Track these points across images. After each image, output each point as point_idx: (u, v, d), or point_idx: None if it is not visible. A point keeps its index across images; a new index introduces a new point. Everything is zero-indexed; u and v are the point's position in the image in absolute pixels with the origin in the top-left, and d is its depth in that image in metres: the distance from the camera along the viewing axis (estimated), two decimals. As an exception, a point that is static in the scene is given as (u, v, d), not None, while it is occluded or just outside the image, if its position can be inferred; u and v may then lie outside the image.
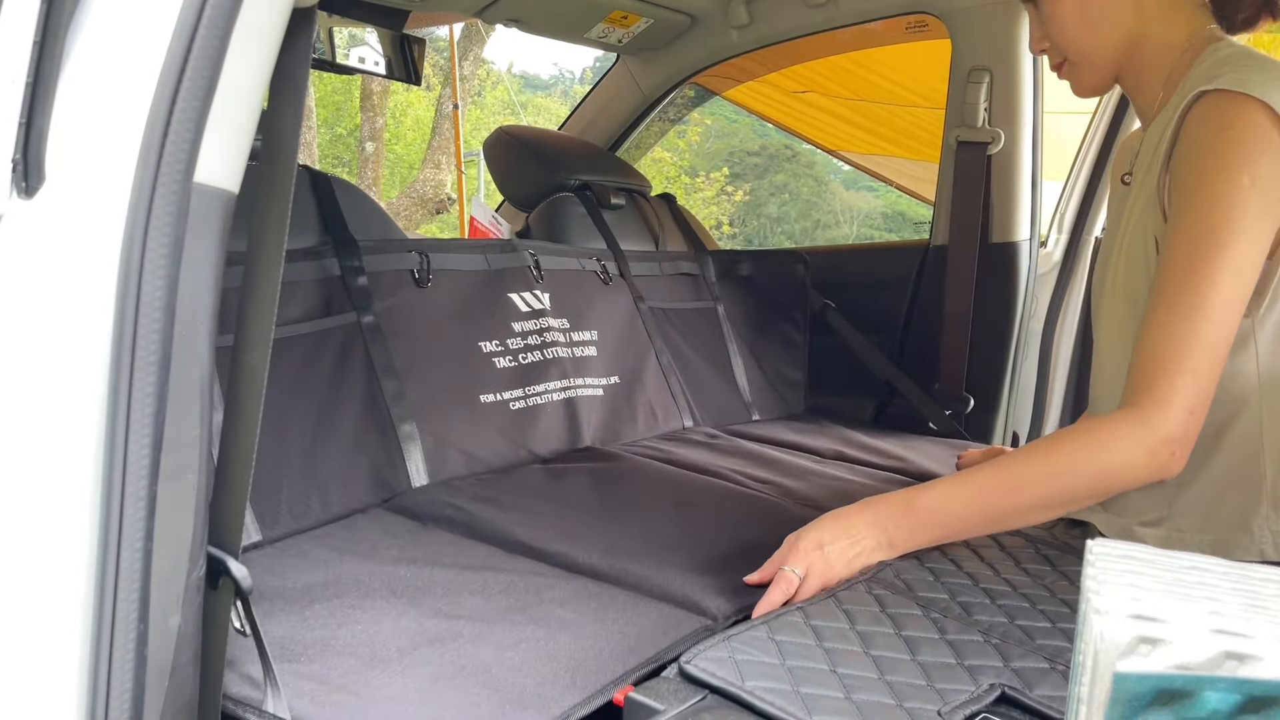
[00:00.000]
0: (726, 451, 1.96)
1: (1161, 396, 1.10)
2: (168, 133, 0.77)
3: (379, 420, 1.58)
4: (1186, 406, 1.09)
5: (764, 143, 19.41)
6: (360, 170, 11.09)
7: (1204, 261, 1.09)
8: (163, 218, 0.78)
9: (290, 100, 0.91)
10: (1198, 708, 0.53)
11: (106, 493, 0.78)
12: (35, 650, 0.78)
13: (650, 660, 1.04)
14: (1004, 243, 2.28)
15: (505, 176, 2.54)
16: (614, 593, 1.21)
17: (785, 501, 1.63)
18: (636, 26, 2.67)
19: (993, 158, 2.29)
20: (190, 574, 0.85)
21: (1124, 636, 0.56)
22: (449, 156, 9.67)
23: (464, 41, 9.87)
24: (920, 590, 1.16)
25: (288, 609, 1.13)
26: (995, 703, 0.95)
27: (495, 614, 1.13)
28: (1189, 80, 1.21)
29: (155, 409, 0.79)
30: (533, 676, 0.99)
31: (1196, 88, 1.15)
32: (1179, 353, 1.09)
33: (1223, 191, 1.09)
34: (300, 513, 1.42)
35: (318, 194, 1.70)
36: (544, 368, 1.89)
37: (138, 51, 0.77)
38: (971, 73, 2.26)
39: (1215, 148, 1.10)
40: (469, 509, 1.46)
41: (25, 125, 0.75)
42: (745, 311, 2.47)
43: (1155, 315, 1.12)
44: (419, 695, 0.94)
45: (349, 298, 1.62)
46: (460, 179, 8.30)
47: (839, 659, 0.99)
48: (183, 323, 0.79)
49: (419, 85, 2.40)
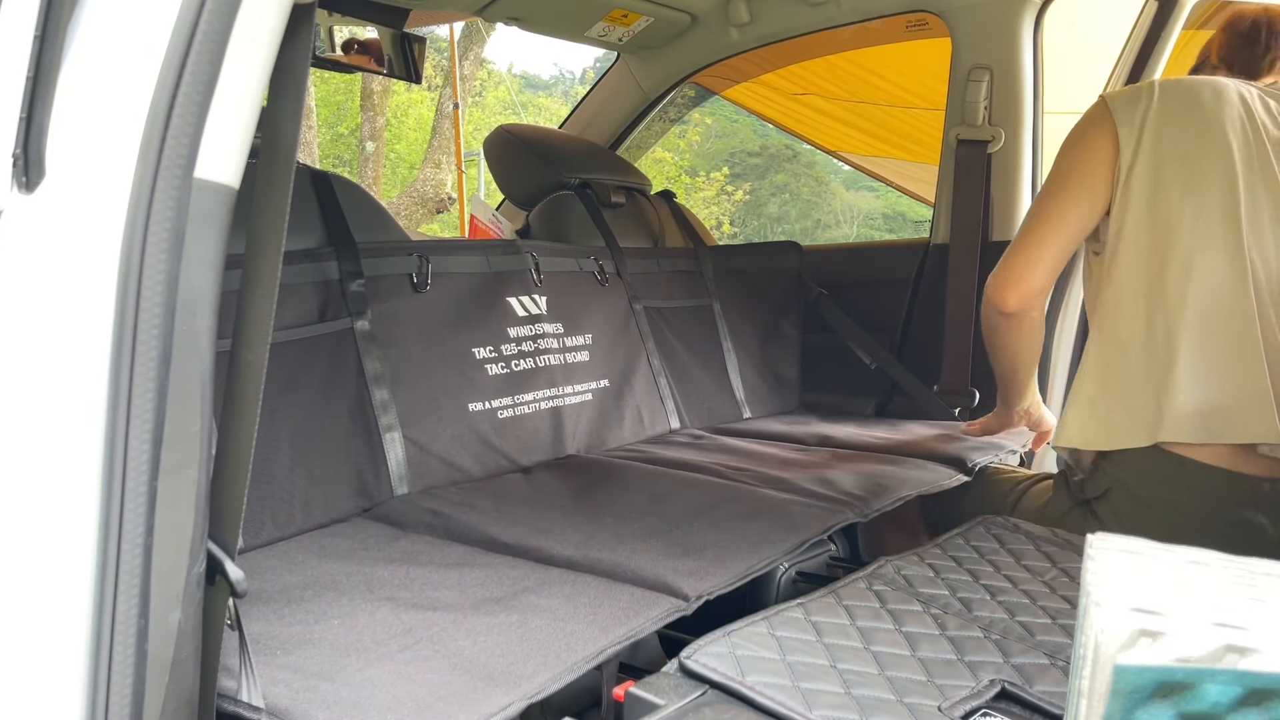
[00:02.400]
0: (709, 449, 1.97)
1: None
2: (168, 128, 0.77)
3: (365, 428, 1.59)
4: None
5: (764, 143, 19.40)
6: (360, 170, 11.09)
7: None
8: (163, 213, 0.77)
9: (290, 96, 0.91)
10: (1198, 700, 0.52)
11: (107, 487, 0.78)
12: (36, 646, 0.78)
13: (620, 638, 1.05)
14: (1005, 241, 2.28)
15: (506, 175, 2.54)
16: (587, 580, 1.22)
17: (761, 486, 1.63)
18: (637, 25, 2.67)
19: (993, 156, 2.29)
20: (191, 569, 0.85)
21: (1125, 629, 0.56)
22: (449, 156, 9.67)
23: (464, 41, 9.86)
24: (920, 586, 1.16)
25: (265, 608, 1.14)
26: (995, 698, 0.95)
27: (470, 604, 1.14)
28: None
29: (156, 404, 0.79)
30: (505, 657, 1.00)
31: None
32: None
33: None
34: (283, 521, 1.43)
35: (319, 194, 1.70)
36: (534, 375, 1.89)
37: (138, 46, 0.77)
38: (972, 71, 2.26)
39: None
40: (447, 513, 1.47)
41: (26, 120, 0.75)
42: (741, 307, 2.47)
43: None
44: (393, 677, 0.95)
45: (345, 303, 1.62)
46: (460, 178, 8.30)
47: (839, 655, 0.99)
48: (183, 318, 0.79)
49: (419, 83, 2.40)
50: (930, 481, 1.70)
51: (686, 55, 2.87)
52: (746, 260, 2.54)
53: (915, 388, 2.35)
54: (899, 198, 16.52)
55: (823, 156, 15.40)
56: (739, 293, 2.48)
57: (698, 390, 2.29)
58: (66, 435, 0.77)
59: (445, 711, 0.89)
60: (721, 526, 1.39)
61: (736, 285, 2.49)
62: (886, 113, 3.48)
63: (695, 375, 2.30)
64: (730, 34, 2.72)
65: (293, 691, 0.93)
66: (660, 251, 2.41)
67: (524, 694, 0.93)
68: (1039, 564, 1.26)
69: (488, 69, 16.58)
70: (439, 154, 10.12)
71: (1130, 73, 2.22)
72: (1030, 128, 2.27)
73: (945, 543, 1.30)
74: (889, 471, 1.73)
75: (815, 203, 20.01)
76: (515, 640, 1.03)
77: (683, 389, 2.25)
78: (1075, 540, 1.35)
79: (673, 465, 1.80)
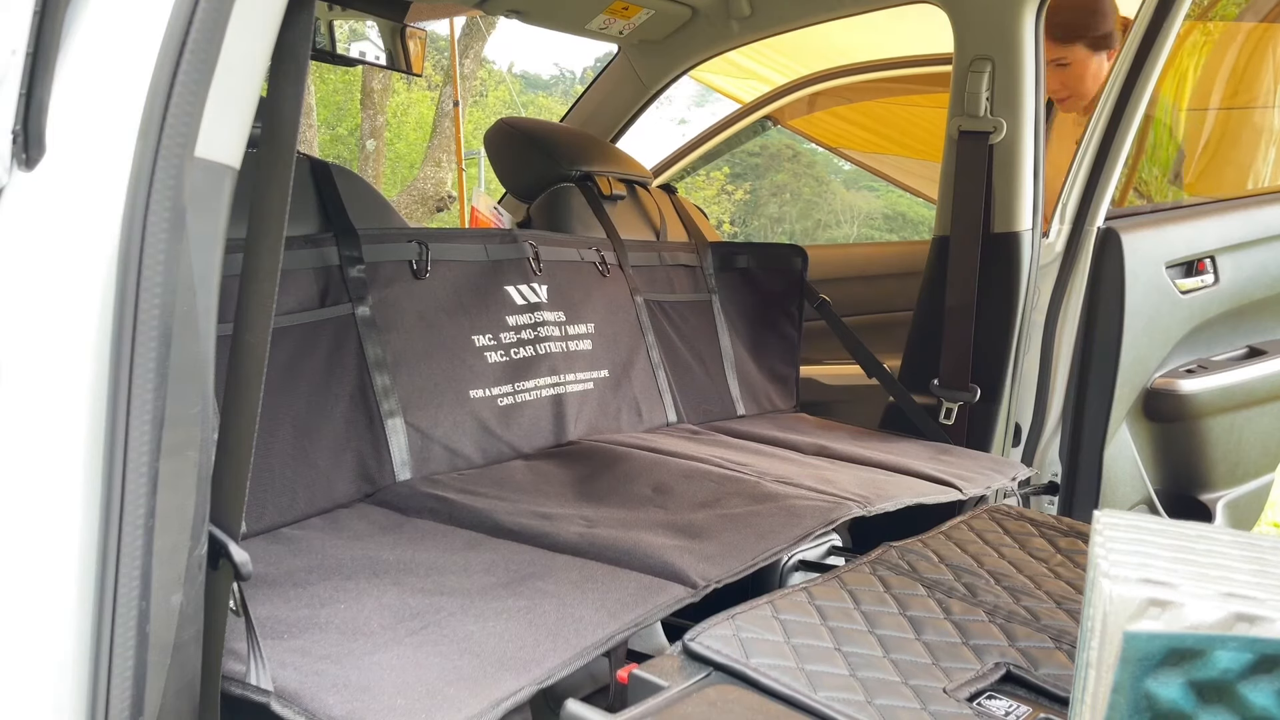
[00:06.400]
0: (707, 443, 1.96)
1: None
2: (169, 106, 0.77)
3: (367, 414, 1.59)
4: None
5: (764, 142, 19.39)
6: (361, 168, 11.07)
7: None
8: (164, 192, 0.77)
9: (291, 78, 0.91)
10: (1208, 667, 0.52)
11: (108, 468, 0.77)
12: (37, 629, 0.78)
13: (630, 624, 1.04)
14: (1006, 233, 2.27)
15: (506, 167, 2.54)
16: (594, 567, 1.21)
17: (764, 479, 1.62)
18: (638, 18, 2.66)
19: (994, 147, 2.28)
20: (192, 552, 0.85)
21: (1134, 599, 0.55)
22: (450, 155, 9.66)
23: (465, 39, 9.86)
24: (924, 571, 1.16)
25: (271, 592, 1.13)
26: (1000, 681, 0.95)
27: (477, 590, 1.13)
28: None
29: (156, 383, 0.78)
30: (515, 642, 0.99)
31: None
32: None
33: None
34: (286, 505, 1.43)
35: (318, 183, 1.69)
36: (534, 363, 1.89)
37: (139, 24, 0.76)
38: (974, 62, 2.26)
39: None
40: (451, 499, 1.47)
41: (26, 96, 0.75)
42: (741, 305, 2.46)
43: None
44: (402, 661, 0.95)
45: (345, 288, 1.62)
46: (461, 177, 8.29)
47: (844, 637, 0.98)
48: (184, 297, 0.79)
49: (419, 76, 2.40)
50: (927, 493, 1.65)
51: (687, 48, 2.86)
52: (749, 259, 2.53)
53: (911, 407, 2.31)
54: (899, 198, 16.50)
55: (823, 156, 15.39)
56: (740, 290, 2.47)
57: (694, 384, 2.28)
58: (68, 415, 0.76)
59: (455, 696, 0.89)
60: (727, 516, 1.38)
61: (738, 283, 2.48)
62: (886, 108, 3.48)
63: (692, 369, 2.30)
64: (731, 26, 2.71)
65: (301, 675, 0.93)
66: (661, 245, 2.40)
67: (534, 679, 0.92)
68: (1043, 549, 1.25)
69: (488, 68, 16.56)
70: (439, 153, 10.12)
71: (1132, 63, 2.22)
72: (1032, 118, 2.27)
73: (949, 529, 1.30)
74: (888, 478, 1.72)
75: (816, 202, 19.99)
76: (524, 626, 1.03)
77: (679, 383, 2.24)
78: (1079, 526, 1.35)
79: (674, 456, 1.79)
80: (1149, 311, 2.31)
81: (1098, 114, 2.31)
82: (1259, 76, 2.78)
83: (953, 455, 2.03)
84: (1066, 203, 2.37)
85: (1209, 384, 2.39)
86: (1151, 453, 2.45)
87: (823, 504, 1.47)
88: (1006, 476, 1.91)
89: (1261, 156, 2.83)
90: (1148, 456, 2.44)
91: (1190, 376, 2.40)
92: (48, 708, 0.78)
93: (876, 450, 2.01)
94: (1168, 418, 2.40)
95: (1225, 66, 2.72)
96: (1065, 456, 2.38)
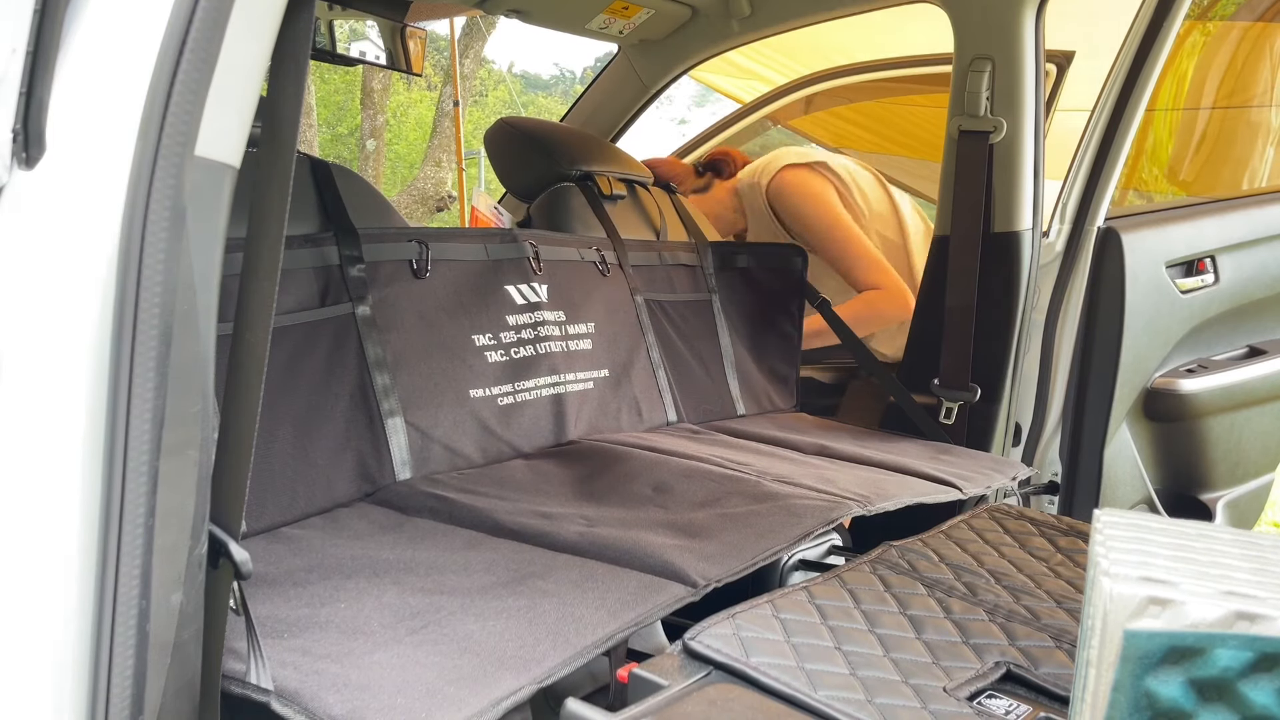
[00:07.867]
0: (707, 442, 1.96)
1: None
2: (169, 105, 0.77)
3: (368, 413, 1.59)
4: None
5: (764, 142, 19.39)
6: (361, 168, 11.08)
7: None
8: (164, 190, 0.77)
9: (291, 78, 0.91)
10: (1209, 665, 0.52)
11: (108, 467, 0.77)
12: (37, 627, 0.78)
13: (631, 623, 1.04)
14: (1006, 232, 2.27)
15: (506, 167, 2.53)
16: (594, 566, 1.21)
17: (764, 479, 1.62)
18: (638, 17, 2.66)
19: (994, 147, 2.28)
20: (192, 550, 0.85)
21: (1134, 597, 0.55)
22: (450, 155, 9.66)
23: (465, 39, 9.86)
24: (924, 570, 1.16)
25: (270, 591, 1.13)
26: (1001, 680, 0.95)
27: (477, 589, 1.13)
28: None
29: (156, 383, 0.78)
30: (515, 641, 0.99)
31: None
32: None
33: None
34: (286, 505, 1.43)
35: (318, 182, 1.69)
36: (535, 363, 1.89)
37: (139, 23, 0.76)
38: (973, 62, 2.26)
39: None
40: (451, 498, 1.47)
41: (26, 95, 0.74)
42: (741, 305, 2.46)
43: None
44: (402, 660, 0.95)
45: (345, 288, 1.62)
46: (461, 176, 8.29)
47: (844, 636, 0.98)
48: (184, 296, 0.79)
49: (419, 76, 2.40)
50: (928, 493, 1.65)
51: (687, 48, 2.87)
52: (749, 259, 2.53)
53: (911, 407, 2.32)
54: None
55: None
56: (740, 290, 2.47)
57: (694, 384, 2.28)
58: (68, 414, 0.76)
59: (455, 694, 0.89)
60: (727, 515, 1.38)
61: (738, 282, 2.48)
62: (886, 108, 3.48)
63: (692, 369, 2.30)
64: (731, 26, 2.71)
65: (301, 674, 0.93)
66: (662, 244, 2.40)
67: (534, 677, 0.92)
68: (1043, 548, 1.25)
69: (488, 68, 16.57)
70: (439, 153, 10.12)
71: (1132, 64, 2.22)
72: (1032, 118, 2.26)
73: (949, 528, 1.30)
74: (888, 478, 1.72)
75: (815, 202, 19.95)
76: (524, 625, 1.03)
77: (679, 382, 2.24)
78: (1079, 525, 1.35)
79: (674, 455, 1.79)
80: (1149, 311, 2.31)
81: (1098, 114, 2.31)
82: (1257, 75, 2.78)
83: (953, 455, 2.03)
84: (1066, 202, 2.37)
85: (1209, 384, 2.40)
86: (1152, 452, 2.45)
87: (823, 503, 1.47)
88: (1006, 476, 1.91)
89: (1260, 156, 2.83)
90: (1148, 456, 2.44)
91: (1190, 376, 2.40)
92: (48, 707, 0.78)
93: (876, 450, 2.01)
94: (1168, 417, 2.40)
95: (1223, 66, 2.72)
96: (1065, 456, 2.38)
